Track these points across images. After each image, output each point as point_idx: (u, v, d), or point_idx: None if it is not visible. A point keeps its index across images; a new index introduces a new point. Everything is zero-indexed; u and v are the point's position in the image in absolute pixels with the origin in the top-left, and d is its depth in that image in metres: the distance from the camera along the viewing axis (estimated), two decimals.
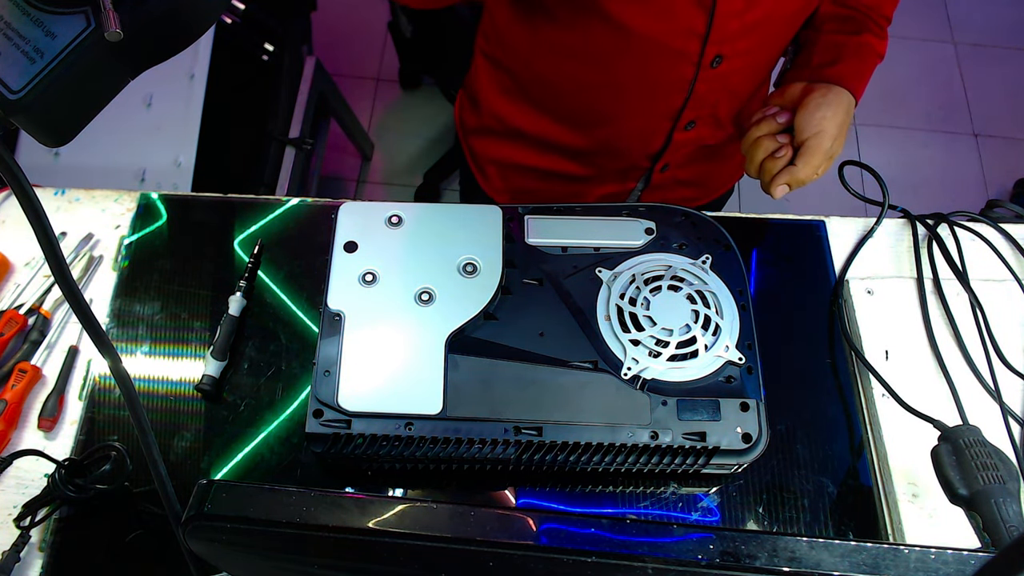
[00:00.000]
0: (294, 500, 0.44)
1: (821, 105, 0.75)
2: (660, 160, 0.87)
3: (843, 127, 0.76)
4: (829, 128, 0.74)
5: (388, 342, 0.69)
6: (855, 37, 0.79)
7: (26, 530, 0.70)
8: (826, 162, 0.77)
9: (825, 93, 0.76)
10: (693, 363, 0.69)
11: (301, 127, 1.67)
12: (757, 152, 0.79)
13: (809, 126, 0.75)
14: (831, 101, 0.75)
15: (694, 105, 0.79)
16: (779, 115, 0.78)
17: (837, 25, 0.80)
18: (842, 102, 0.76)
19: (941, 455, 0.64)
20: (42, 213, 0.36)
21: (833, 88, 0.76)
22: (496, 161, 0.99)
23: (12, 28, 0.34)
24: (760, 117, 0.79)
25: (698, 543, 0.42)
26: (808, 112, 0.75)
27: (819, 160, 0.75)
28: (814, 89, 0.77)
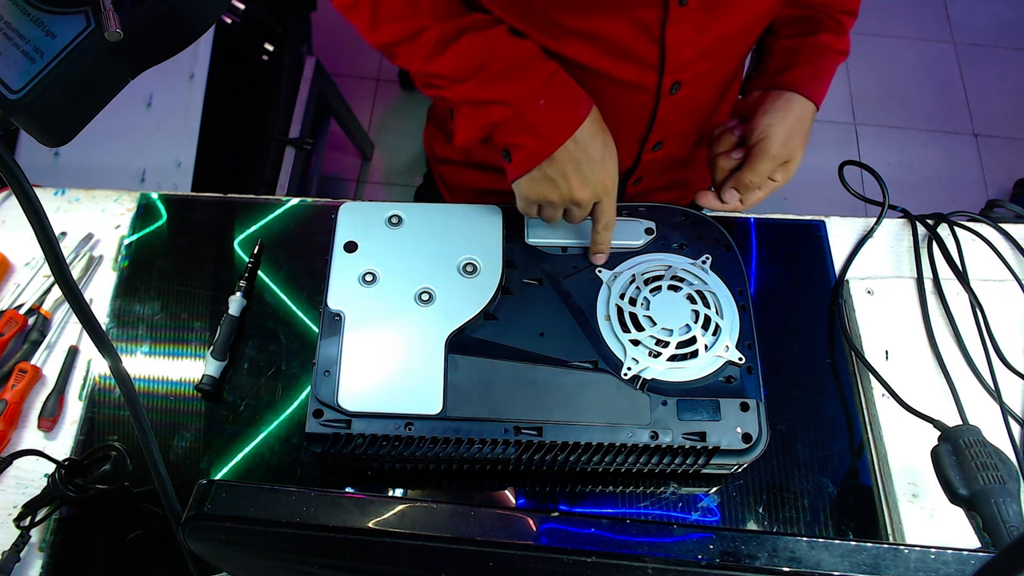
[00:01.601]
0: (294, 500, 0.44)
1: (768, 112, 0.75)
2: (632, 176, 0.87)
3: (795, 132, 0.76)
4: (774, 134, 0.74)
5: (388, 342, 0.69)
6: (810, 39, 0.78)
7: (26, 530, 0.70)
8: (782, 168, 0.77)
9: (775, 99, 0.76)
10: (693, 363, 0.69)
11: (301, 127, 1.67)
12: (716, 172, 0.79)
13: (754, 132, 0.75)
14: (779, 107, 0.75)
15: (659, 129, 0.80)
16: (736, 128, 0.78)
17: (793, 28, 0.80)
18: (792, 108, 0.75)
19: (941, 455, 0.64)
20: (42, 213, 0.36)
21: (784, 94, 0.76)
22: (468, 189, 1.00)
23: (12, 28, 0.34)
24: (720, 132, 0.79)
25: (698, 543, 0.42)
26: (755, 120, 0.76)
27: (765, 166, 0.75)
28: (767, 96, 0.77)
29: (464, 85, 0.68)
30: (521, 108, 0.67)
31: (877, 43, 2.36)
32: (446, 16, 0.69)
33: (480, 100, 0.68)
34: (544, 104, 0.67)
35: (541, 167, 0.68)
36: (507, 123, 0.68)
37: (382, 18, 0.70)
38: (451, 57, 0.68)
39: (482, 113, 0.68)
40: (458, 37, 0.68)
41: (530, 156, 0.68)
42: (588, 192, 0.69)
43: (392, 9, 0.69)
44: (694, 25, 0.69)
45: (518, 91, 0.67)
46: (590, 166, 0.68)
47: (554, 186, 0.69)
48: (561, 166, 0.68)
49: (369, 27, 0.71)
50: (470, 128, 0.70)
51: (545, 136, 0.67)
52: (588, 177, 0.68)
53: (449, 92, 0.70)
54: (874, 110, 2.27)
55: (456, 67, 0.68)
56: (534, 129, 0.67)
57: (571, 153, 0.67)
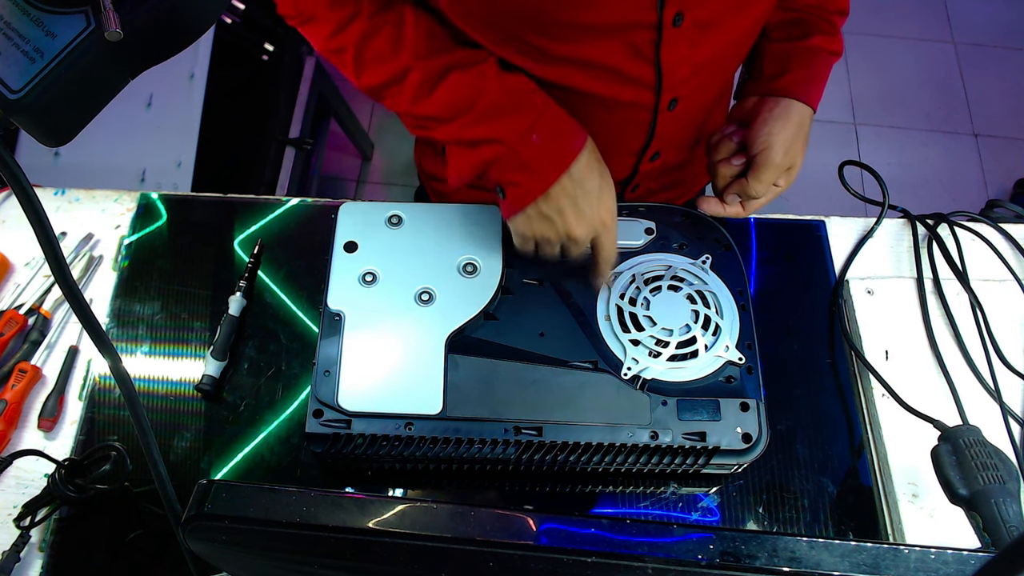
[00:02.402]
0: (294, 500, 0.44)
1: (768, 120, 0.75)
2: (629, 185, 0.87)
3: (796, 138, 0.75)
4: (776, 143, 0.74)
5: (388, 342, 0.69)
6: (802, 42, 0.78)
7: (26, 530, 0.70)
8: (784, 174, 0.76)
9: (773, 107, 0.75)
10: (693, 363, 0.69)
11: (301, 127, 1.68)
12: (717, 180, 0.79)
13: (756, 142, 0.74)
14: (778, 115, 0.75)
15: (657, 143, 0.79)
16: (734, 135, 0.77)
17: (785, 32, 0.79)
18: (791, 115, 0.75)
19: (941, 455, 0.64)
20: (42, 213, 0.36)
21: (782, 101, 0.76)
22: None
23: (12, 28, 0.34)
24: (718, 139, 0.79)
25: (698, 543, 0.42)
26: (755, 128, 0.75)
27: (770, 174, 0.74)
28: (764, 103, 0.76)
29: (453, 124, 0.67)
30: (514, 145, 0.65)
31: (877, 43, 2.36)
32: (430, 54, 0.67)
33: (471, 139, 0.67)
34: (537, 140, 0.66)
35: (536, 204, 0.67)
36: (500, 161, 0.66)
37: (367, 61, 0.68)
38: (438, 97, 0.66)
39: (474, 152, 0.67)
40: (444, 76, 0.66)
41: (524, 193, 0.66)
42: (585, 228, 0.68)
43: (376, 51, 0.68)
44: (688, 43, 0.68)
45: (510, 128, 0.65)
46: (586, 201, 0.67)
47: (550, 223, 0.68)
48: (557, 202, 0.66)
49: (354, 71, 0.69)
50: (463, 167, 0.68)
51: (539, 172, 0.66)
52: (585, 213, 0.67)
53: (439, 132, 0.68)
54: (874, 110, 2.27)
55: (444, 107, 0.66)
56: (528, 166, 0.66)
57: (566, 189, 0.66)
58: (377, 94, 0.71)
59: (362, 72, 0.69)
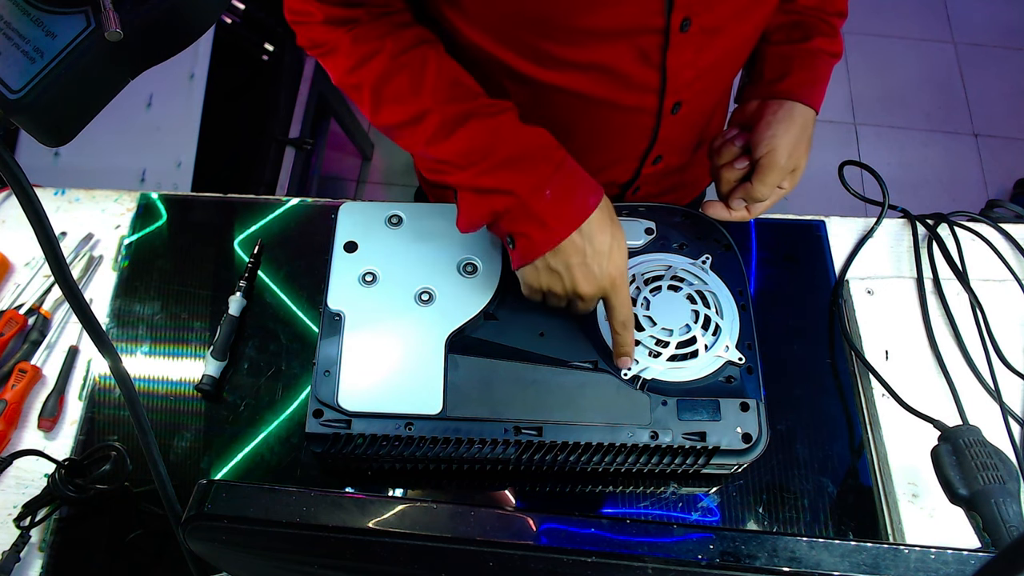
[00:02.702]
0: (294, 500, 0.44)
1: (772, 123, 0.74)
2: (630, 188, 0.87)
3: (800, 140, 0.75)
4: (780, 146, 0.74)
5: (388, 342, 0.69)
6: (803, 45, 0.78)
7: (26, 530, 0.70)
8: (788, 176, 0.76)
9: (776, 110, 0.75)
10: (693, 363, 0.69)
11: (301, 127, 1.67)
12: (721, 184, 0.79)
13: (760, 145, 0.74)
14: (782, 118, 0.75)
15: (659, 146, 0.80)
16: (736, 139, 0.77)
17: (785, 34, 0.79)
18: (794, 118, 0.75)
19: (941, 455, 0.64)
20: (42, 213, 0.36)
21: (785, 103, 0.75)
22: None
23: (12, 28, 0.34)
24: (720, 143, 0.79)
25: (698, 543, 0.42)
26: (759, 132, 0.75)
27: (774, 177, 0.74)
28: (767, 106, 0.76)
29: (467, 172, 0.67)
30: (527, 199, 0.65)
31: (877, 43, 2.36)
32: (450, 100, 0.67)
33: (484, 188, 0.66)
34: (550, 195, 0.65)
35: (545, 258, 0.66)
36: (511, 212, 0.66)
37: (385, 100, 0.68)
38: (455, 143, 0.66)
39: (486, 201, 0.67)
40: (463, 122, 0.66)
41: (534, 246, 0.66)
42: (592, 287, 0.67)
43: (395, 91, 0.68)
44: (694, 48, 0.68)
45: (524, 181, 0.65)
46: (596, 259, 0.66)
47: (558, 278, 0.67)
48: (566, 258, 0.66)
49: (371, 108, 0.69)
50: (474, 214, 0.68)
51: (551, 227, 0.65)
52: (593, 271, 0.67)
53: (452, 178, 0.68)
54: (874, 110, 2.27)
55: (459, 153, 0.66)
56: (539, 220, 0.65)
57: (577, 245, 0.66)
58: (392, 133, 0.71)
59: (379, 110, 0.69)
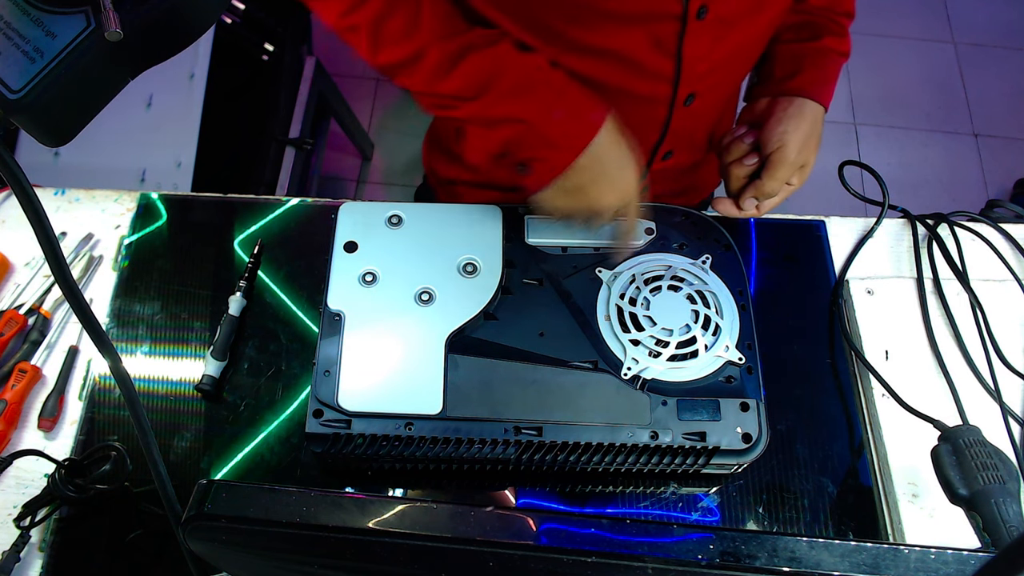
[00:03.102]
0: (294, 500, 0.44)
1: (782, 119, 0.75)
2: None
3: (810, 137, 0.76)
4: (791, 141, 0.74)
5: (388, 342, 0.69)
6: (813, 44, 0.79)
7: (26, 530, 0.70)
8: (798, 173, 0.77)
9: (787, 107, 0.76)
10: (693, 363, 0.69)
11: (301, 127, 1.67)
12: (730, 181, 0.79)
13: (771, 141, 0.75)
14: (792, 114, 0.75)
15: (671, 139, 0.80)
16: (746, 136, 0.78)
17: (794, 34, 0.80)
18: (804, 114, 0.76)
19: (941, 455, 0.64)
20: (42, 213, 0.36)
21: (796, 100, 0.76)
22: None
23: (12, 28, 0.34)
24: (729, 140, 0.79)
25: (698, 543, 0.42)
26: (769, 128, 0.76)
27: (784, 173, 0.75)
28: (778, 103, 0.77)
29: (474, 103, 0.67)
30: (536, 122, 0.66)
31: (877, 43, 2.36)
32: (448, 35, 0.67)
33: (492, 118, 0.67)
34: (559, 116, 0.66)
35: (561, 178, 0.67)
36: (522, 138, 0.67)
37: (383, 40, 0.68)
38: (458, 77, 0.67)
39: (495, 131, 0.67)
40: (463, 56, 0.67)
41: (549, 169, 0.67)
42: (611, 199, 0.68)
43: (393, 31, 0.68)
44: (711, 38, 0.68)
45: (531, 106, 0.66)
46: (611, 173, 0.68)
47: (577, 196, 0.68)
48: (581, 176, 0.67)
49: (369, 50, 0.69)
50: (484, 146, 0.69)
51: (563, 147, 0.66)
52: (610, 185, 0.68)
53: (459, 111, 0.69)
54: (874, 110, 2.27)
55: (464, 86, 0.67)
56: (551, 142, 0.66)
57: (591, 162, 0.67)
58: (391, 72, 0.70)
59: (378, 51, 0.69)
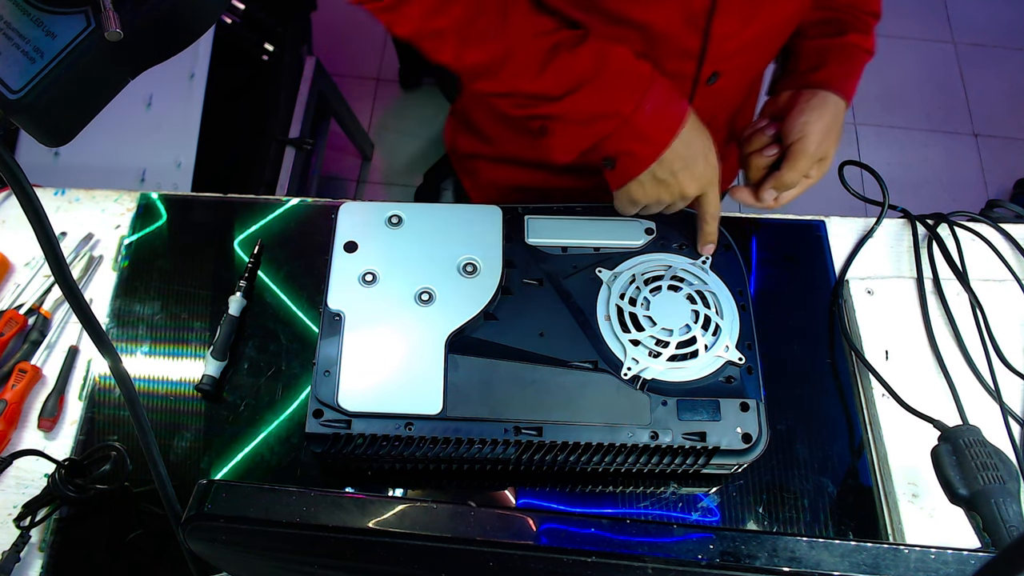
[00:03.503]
0: (294, 500, 0.44)
1: (804, 110, 0.76)
2: None
3: (831, 129, 0.77)
4: (812, 132, 0.75)
5: (388, 342, 0.69)
6: (838, 39, 0.80)
7: (26, 530, 0.70)
8: (817, 165, 0.77)
9: (810, 98, 0.77)
10: (693, 363, 0.69)
11: (301, 127, 1.67)
12: (750, 171, 0.80)
13: (792, 132, 0.76)
14: (815, 105, 0.76)
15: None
16: (768, 127, 0.79)
17: (820, 29, 0.81)
18: (827, 106, 0.76)
19: (941, 455, 0.64)
20: (42, 213, 0.36)
21: (819, 93, 0.77)
22: (495, 184, 1.00)
23: (12, 28, 0.34)
24: (751, 132, 0.80)
25: (698, 543, 0.42)
26: (791, 118, 0.76)
27: (804, 164, 0.76)
28: (801, 95, 0.78)
29: (565, 102, 0.68)
30: (629, 117, 0.67)
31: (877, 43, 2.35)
32: (535, 34, 0.68)
33: (585, 116, 0.68)
34: (650, 108, 0.67)
35: (650, 171, 0.69)
36: (614, 134, 0.68)
37: (470, 42, 0.68)
38: (549, 76, 0.67)
39: (589, 128, 0.68)
40: (554, 55, 0.67)
41: (638, 162, 0.68)
42: (696, 186, 0.70)
43: (480, 32, 0.68)
44: (739, 17, 0.69)
45: (624, 101, 0.67)
46: (696, 161, 0.69)
47: (665, 186, 0.70)
48: (670, 166, 0.69)
49: (455, 53, 0.69)
50: (574, 144, 0.70)
51: (654, 140, 0.68)
52: (696, 172, 0.70)
53: (547, 109, 0.69)
54: (874, 110, 2.27)
55: (555, 84, 0.67)
56: (643, 135, 0.67)
57: (678, 152, 0.68)
58: (475, 74, 0.71)
59: (464, 53, 0.69)
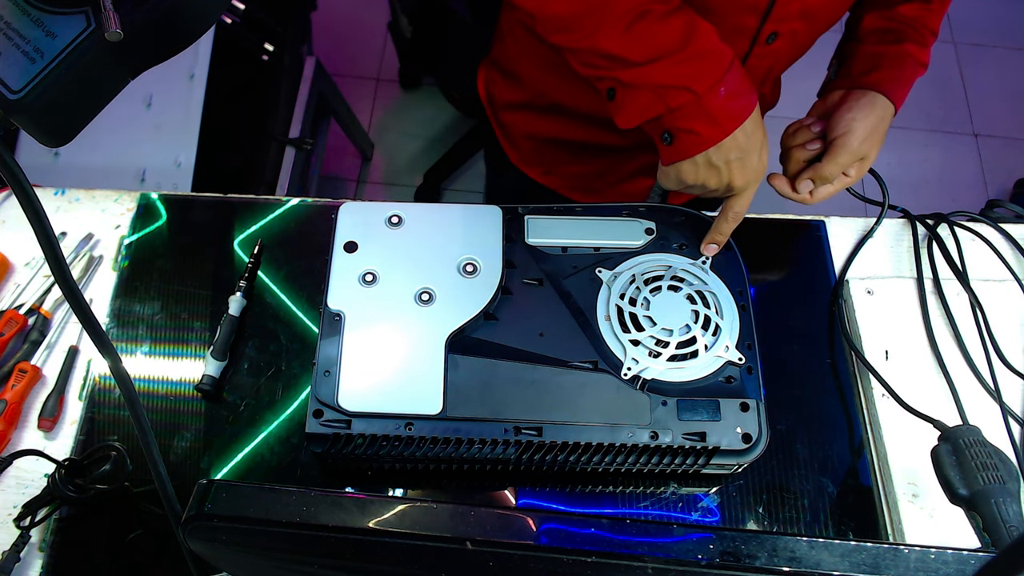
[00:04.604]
0: (294, 500, 0.44)
1: (852, 108, 0.77)
2: None
3: (876, 130, 0.77)
4: (857, 129, 0.76)
5: (388, 342, 0.69)
6: (895, 47, 0.81)
7: (26, 530, 0.70)
8: (857, 164, 0.78)
9: (859, 97, 0.78)
10: (693, 363, 0.69)
11: (301, 127, 1.67)
12: (789, 164, 0.80)
13: (838, 126, 0.77)
14: (863, 104, 0.77)
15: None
16: (814, 124, 0.79)
17: (878, 36, 0.82)
18: (875, 106, 0.77)
19: (941, 455, 0.64)
20: (42, 213, 0.36)
21: (868, 93, 0.78)
22: (532, 136, 0.99)
23: (12, 28, 0.34)
24: (796, 127, 0.81)
25: (698, 543, 0.42)
26: (839, 114, 0.77)
27: (845, 158, 0.76)
28: (851, 94, 0.79)
29: (644, 68, 0.68)
30: (703, 94, 0.67)
31: None
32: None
33: (662, 85, 0.67)
34: (724, 92, 0.67)
35: (707, 154, 0.69)
36: (684, 108, 0.68)
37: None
38: (633, 38, 0.67)
39: (660, 98, 0.68)
40: (641, 18, 0.67)
41: (700, 142, 0.68)
42: (744, 180, 0.71)
43: None
44: None
45: (703, 78, 0.67)
46: (751, 156, 0.70)
47: (716, 172, 0.70)
48: (727, 154, 0.69)
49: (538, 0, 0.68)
50: (640, 111, 0.70)
51: (721, 123, 0.68)
52: (748, 166, 0.70)
53: (622, 73, 0.69)
54: None
55: (637, 48, 0.67)
56: (711, 116, 0.67)
57: (738, 142, 0.69)
58: (555, 26, 0.70)
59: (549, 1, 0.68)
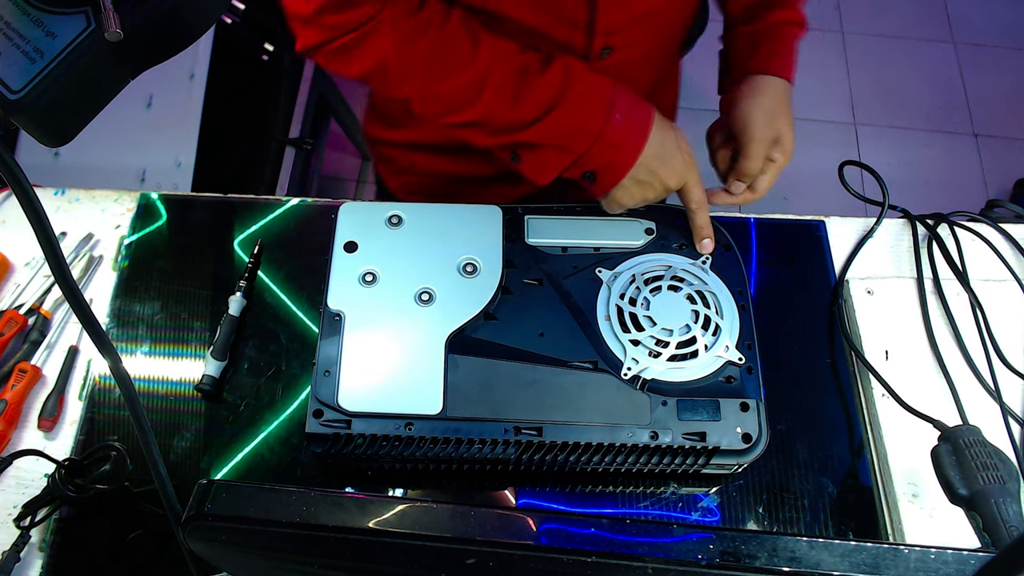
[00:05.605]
0: (294, 500, 0.44)
1: (739, 99, 0.76)
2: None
3: (776, 110, 0.75)
4: (756, 118, 0.74)
5: (388, 342, 0.69)
6: (766, 19, 0.80)
7: (26, 530, 0.70)
8: (776, 148, 0.76)
9: (748, 85, 0.77)
10: (693, 363, 0.69)
11: (301, 127, 1.68)
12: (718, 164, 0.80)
13: (736, 122, 0.75)
14: (750, 92, 0.76)
15: None
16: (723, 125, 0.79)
17: (748, 14, 0.81)
18: (764, 89, 0.76)
19: (941, 455, 0.64)
20: (42, 213, 0.36)
21: (755, 78, 0.77)
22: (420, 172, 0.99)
23: (12, 28, 0.34)
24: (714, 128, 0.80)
25: (698, 543, 0.42)
26: (735, 110, 0.76)
27: (756, 149, 0.75)
28: (739, 87, 0.77)
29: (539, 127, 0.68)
30: (601, 132, 0.67)
31: (877, 43, 2.36)
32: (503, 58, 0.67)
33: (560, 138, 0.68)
34: (619, 118, 0.67)
35: (630, 175, 0.70)
36: (590, 151, 0.68)
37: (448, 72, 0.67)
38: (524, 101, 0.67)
39: (564, 150, 0.68)
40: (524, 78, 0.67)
41: (618, 170, 0.69)
42: (676, 178, 0.71)
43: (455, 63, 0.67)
44: None
45: (593, 116, 0.67)
46: (672, 157, 0.70)
47: (647, 186, 0.71)
48: (647, 166, 0.69)
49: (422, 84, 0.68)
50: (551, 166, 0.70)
51: (628, 147, 0.68)
52: (673, 167, 0.70)
53: (523, 136, 0.69)
54: (874, 110, 2.27)
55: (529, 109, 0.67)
56: (618, 145, 0.68)
57: (653, 151, 0.69)
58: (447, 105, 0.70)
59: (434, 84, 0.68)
